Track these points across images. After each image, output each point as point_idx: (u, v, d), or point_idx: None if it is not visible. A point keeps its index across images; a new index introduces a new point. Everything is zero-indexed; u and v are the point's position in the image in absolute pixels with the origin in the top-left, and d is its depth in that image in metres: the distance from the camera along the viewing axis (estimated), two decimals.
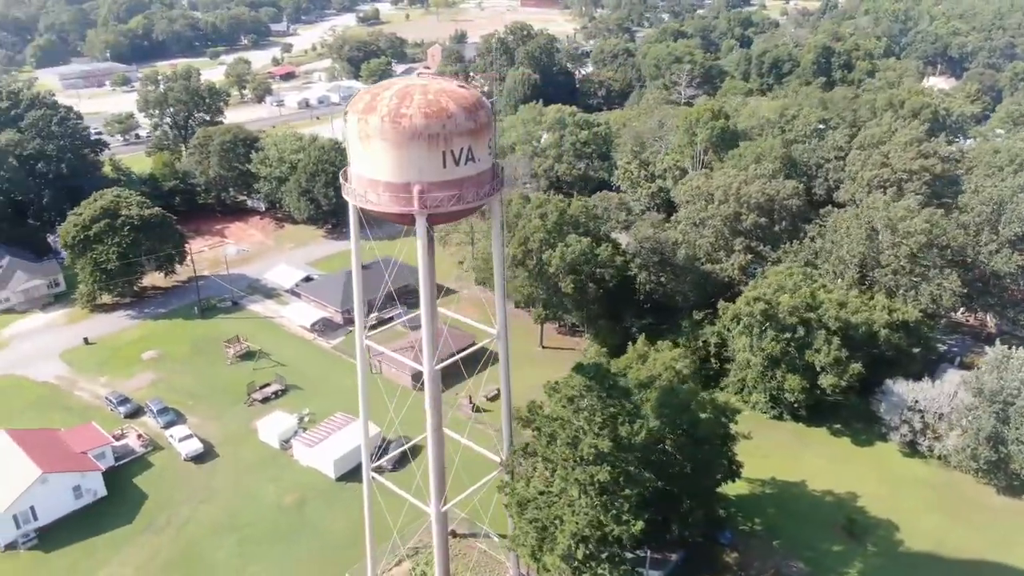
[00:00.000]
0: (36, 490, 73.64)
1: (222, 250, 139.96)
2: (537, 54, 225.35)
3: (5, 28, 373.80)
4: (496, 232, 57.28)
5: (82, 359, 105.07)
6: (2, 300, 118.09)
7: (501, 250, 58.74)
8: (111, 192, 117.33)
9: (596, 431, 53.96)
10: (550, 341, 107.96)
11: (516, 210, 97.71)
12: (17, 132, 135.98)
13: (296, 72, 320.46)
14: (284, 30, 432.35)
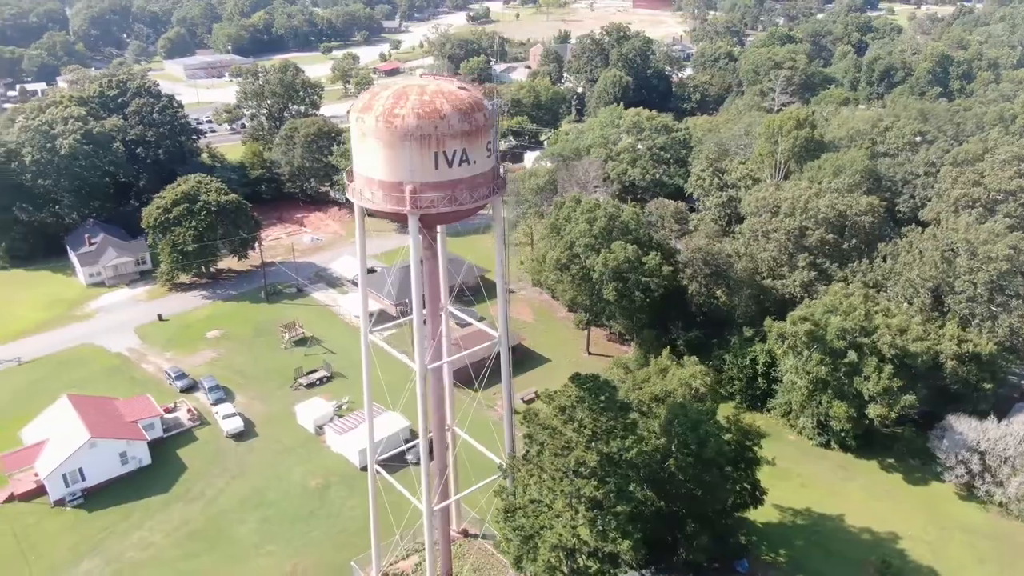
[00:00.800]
0: (84, 453, 78.91)
1: (298, 238, 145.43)
2: (631, 56, 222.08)
3: (142, 20, 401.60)
4: (499, 234, 57.09)
5: (153, 334, 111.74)
6: (94, 274, 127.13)
7: (503, 252, 58.44)
8: (193, 178, 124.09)
9: (585, 443, 52.81)
10: (597, 347, 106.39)
11: (566, 213, 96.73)
12: (122, 118, 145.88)
13: (401, 68, 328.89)
14: (396, 27, 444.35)
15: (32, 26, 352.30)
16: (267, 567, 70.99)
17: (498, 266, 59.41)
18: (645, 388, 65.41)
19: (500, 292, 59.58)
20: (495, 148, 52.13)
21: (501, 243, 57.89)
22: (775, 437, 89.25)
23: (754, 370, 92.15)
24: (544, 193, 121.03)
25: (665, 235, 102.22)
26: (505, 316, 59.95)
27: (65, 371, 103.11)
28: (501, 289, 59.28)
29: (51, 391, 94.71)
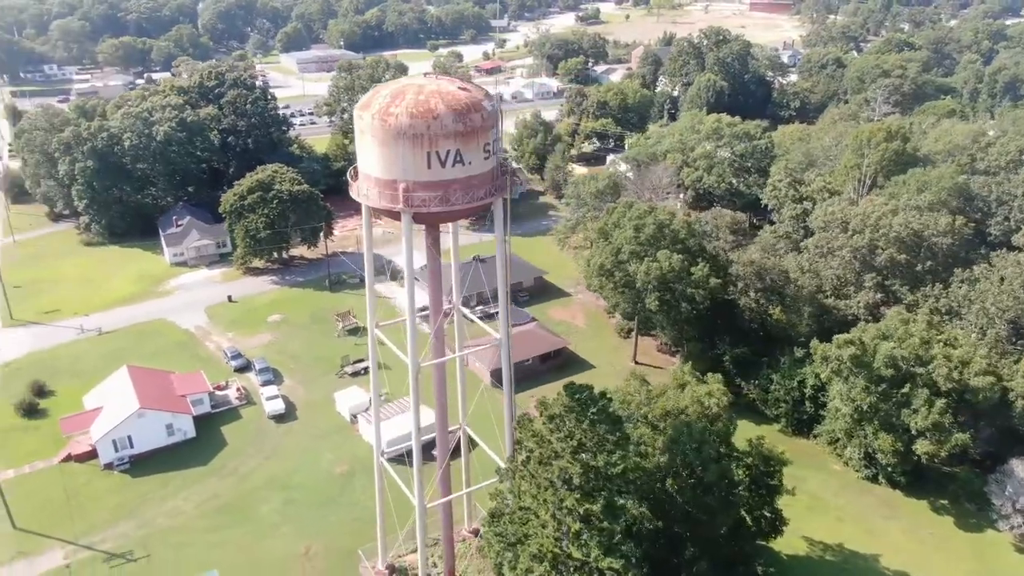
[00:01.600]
0: (133, 422, 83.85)
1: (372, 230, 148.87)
2: (728, 60, 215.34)
3: (265, 15, 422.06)
4: (499, 237, 56.64)
5: (221, 314, 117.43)
6: (178, 254, 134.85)
7: (504, 256, 57.86)
8: (271, 167, 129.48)
9: (571, 454, 51.70)
10: (645, 357, 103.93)
11: (616, 218, 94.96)
12: (217, 108, 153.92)
13: (502, 67, 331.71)
14: (505, 26, 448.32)
15: (164, 19, 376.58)
16: (282, 546, 73.32)
17: (499, 268, 58.95)
18: (659, 403, 63.34)
19: (501, 294, 59.14)
20: (496, 149, 51.71)
21: (502, 245, 57.38)
22: (819, 466, 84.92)
23: (802, 393, 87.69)
24: (605, 196, 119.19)
25: (719, 246, 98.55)
26: (506, 318, 59.50)
27: (137, 343, 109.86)
28: (502, 291, 58.82)
29: (120, 361, 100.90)
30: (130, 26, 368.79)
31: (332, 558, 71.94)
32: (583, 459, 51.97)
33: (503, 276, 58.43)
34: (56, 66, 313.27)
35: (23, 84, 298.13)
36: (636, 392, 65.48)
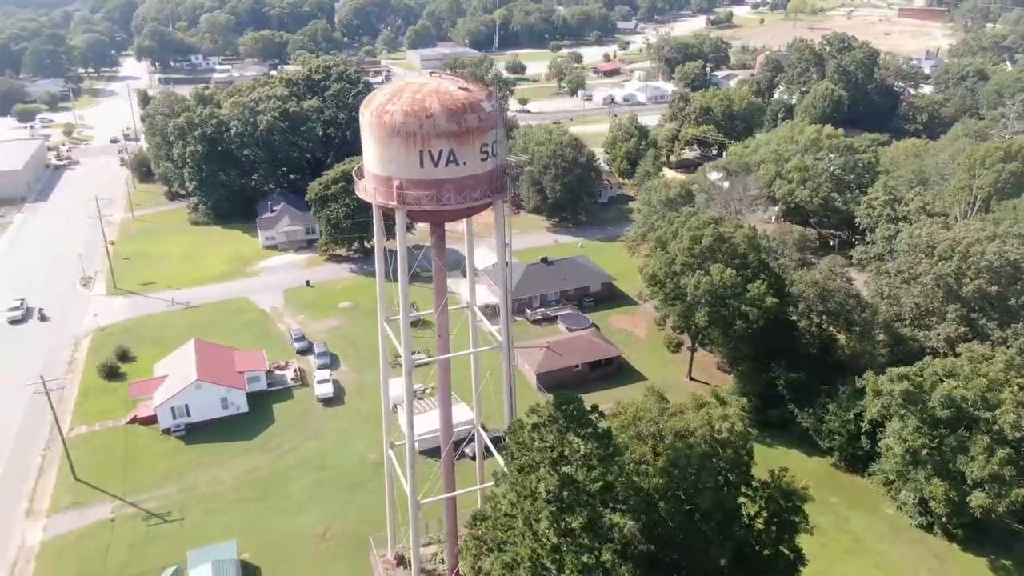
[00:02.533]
0: (190, 392, 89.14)
1: (454, 225, 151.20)
2: (851, 68, 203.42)
3: (398, 12, 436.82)
4: (499, 241, 56.12)
5: (297, 297, 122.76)
6: (269, 237, 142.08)
7: (504, 261, 57.21)
8: (358, 159, 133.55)
9: (549, 466, 50.63)
10: (701, 374, 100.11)
11: (675, 228, 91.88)
12: (321, 101, 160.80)
13: (621, 69, 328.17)
14: (632, 28, 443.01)
15: (304, 14, 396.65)
16: (304, 525, 75.89)
17: (500, 272, 58.39)
18: (671, 422, 60.73)
19: (501, 297, 58.59)
20: (495, 151, 51.23)
21: (502, 248, 56.80)
22: (870, 507, 79.14)
23: (858, 427, 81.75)
24: (675, 204, 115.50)
25: (785, 264, 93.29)
26: (507, 321, 58.88)
27: (217, 319, 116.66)
28: (502, 295, 58.26)
29: (199, 334, 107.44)
30: (272, 20, 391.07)
31: (347, 542, 73.74)
32: (563, 471, 50.80)
33: (504, 279, 57.83)
34: (202, 56, 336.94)
35: (171, 72, 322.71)
36: (650, 408, 63.10)
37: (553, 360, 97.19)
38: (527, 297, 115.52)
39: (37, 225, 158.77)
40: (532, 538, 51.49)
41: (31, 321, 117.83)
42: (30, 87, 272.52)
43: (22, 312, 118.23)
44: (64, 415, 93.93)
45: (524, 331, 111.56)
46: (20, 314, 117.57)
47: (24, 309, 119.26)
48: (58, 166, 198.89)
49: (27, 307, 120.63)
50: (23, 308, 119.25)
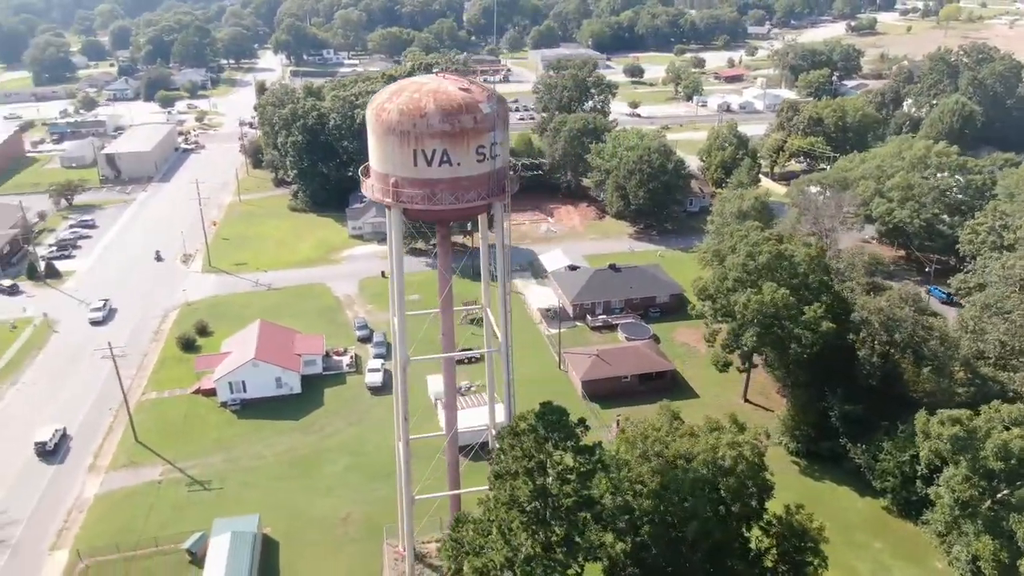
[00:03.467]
0: (248, 370, 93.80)
1: (538, 226, 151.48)
2: (988, 82, 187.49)
3: (524, 12, 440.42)
4: (499, 243, 55.58)
5: (370, 287, 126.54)
6: (356, 227, 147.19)
7: (504, 265, 56.59)
8: None
9: (524, 475, 49.86)
10: (757, 396, 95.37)
11: (733, 241, 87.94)
12: None
13: (744, 76, 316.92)
14: (765, 33, 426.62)
15: (433, 12, 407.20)
16: (328, 507, 78.29)
17: (500, 276, 57.82)
18: (676, 443, 58.17)
19: (501, 302, 58.06)
20: (494, 153, 50.83)
21: (501, 252, 56.25)
22: (917, 559, 73.20)
23: (914, 469, 75.46)
24: (748, 217, 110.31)
25: (853, 287, 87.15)
26: (506, 328, 58.31)
27: (293, 302, 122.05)
28: (501, 299, 57.74)
29: (275, 315, 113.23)
30: (403, 18, 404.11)
31: (364, 529, 75.45)
32: (539, 482, 49.92)
33: (503, 284, 57.27)
34: (333, 51, 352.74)
35: (304, 65, 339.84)
36: (660, 427, 60.84)
37: (601, 369, 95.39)
38: (590, 303, 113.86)
39: (156, 203, 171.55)
40: (506, 546, 50.90)
41: (130, 293, 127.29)
42: (176, 76, 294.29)
43: (103, 313, 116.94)
44: (140, 381, 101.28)
45: (581, 337, 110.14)
46: (101, 315, 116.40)
47: (107, 310, 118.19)
48: (186, 150, 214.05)
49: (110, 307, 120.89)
50: (106, 309, 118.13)
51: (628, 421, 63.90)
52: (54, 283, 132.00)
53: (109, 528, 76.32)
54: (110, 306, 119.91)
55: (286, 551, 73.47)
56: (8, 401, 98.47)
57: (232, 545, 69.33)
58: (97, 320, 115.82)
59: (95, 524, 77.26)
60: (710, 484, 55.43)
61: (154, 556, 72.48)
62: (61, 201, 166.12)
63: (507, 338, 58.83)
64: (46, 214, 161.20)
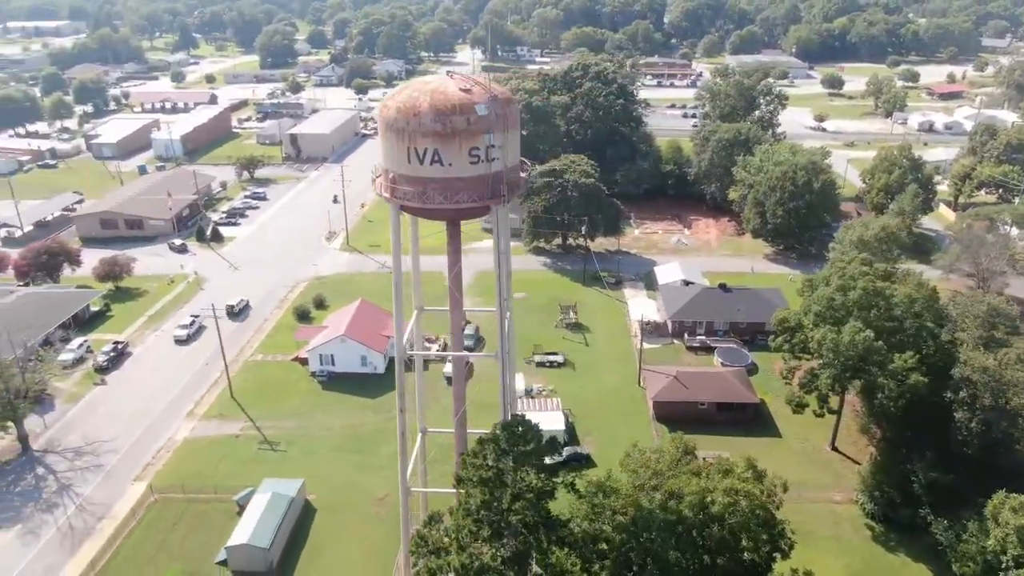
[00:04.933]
0: (336, 345, 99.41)
1: (669, 237, 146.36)
2: None
3: (730, 16, 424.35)
4: (496, 248, 54.66)
5: (482, 281, 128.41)
6: (489, 221, 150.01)
7: (504, 267, 55.47)
8: (567, 157, 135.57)
9: (480, 484, 49.09)
10: (847, 444, 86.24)
11: (829, 272, 79.93)
12: (570, 98, 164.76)
13: (965, 93, 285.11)
14: (1004, 47, 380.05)
15: (633, 13, 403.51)
16: (371, 485, 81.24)
17: (497, 280, 56.76)
18: (671, 482, 54.01)
19: (500, 310, 57.04)
20: (491, 156, 50.09)
21: (498, 257, 55.15)
22: None
23: (999, 559, 64.91)
24: (870, 247, 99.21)
25: (964, 338, 75.70)
26: (504, 333, 57.29)
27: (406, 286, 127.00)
28: (500, 305, 56.71)
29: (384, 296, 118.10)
30: (602, 18, 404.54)
31: (397, 511, 77.39)
32: (495, 494, 49.02)
33: (500, 289, 56.31)
34: (527, 48, 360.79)
35: (497, 60, 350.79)
36: (666, 458, 57.08)
37: (676, 391, 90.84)
38: (691, 321, 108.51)
39: (323, 182, 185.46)
40: (461, 553, 50.49)
41: (273, 261, 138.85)
42: (376, 66, 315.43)
43: (189, 332, 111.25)
44: (253, 343, 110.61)
45: (674, 355, 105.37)
46: (186, 333, 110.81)
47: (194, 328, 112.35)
48: (365, 135, 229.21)
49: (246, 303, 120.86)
50: (193, 327, 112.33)
51: (636, 448, 60.37)
52: (216, 246, 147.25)
53: (184, 470, 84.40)
54: (199, 323, 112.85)
55: (320, 519, 77.38)
56: (146, 345, 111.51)
57: (269, 504, 74.19)
58: (181, 339, 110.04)
59: (175, 464, 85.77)
60: (694, 528, 51.27)
61: (210, 502, 79.24)
62: (243, 173, 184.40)
63: (505, 343, 57.94)
64: (227, 184, 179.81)
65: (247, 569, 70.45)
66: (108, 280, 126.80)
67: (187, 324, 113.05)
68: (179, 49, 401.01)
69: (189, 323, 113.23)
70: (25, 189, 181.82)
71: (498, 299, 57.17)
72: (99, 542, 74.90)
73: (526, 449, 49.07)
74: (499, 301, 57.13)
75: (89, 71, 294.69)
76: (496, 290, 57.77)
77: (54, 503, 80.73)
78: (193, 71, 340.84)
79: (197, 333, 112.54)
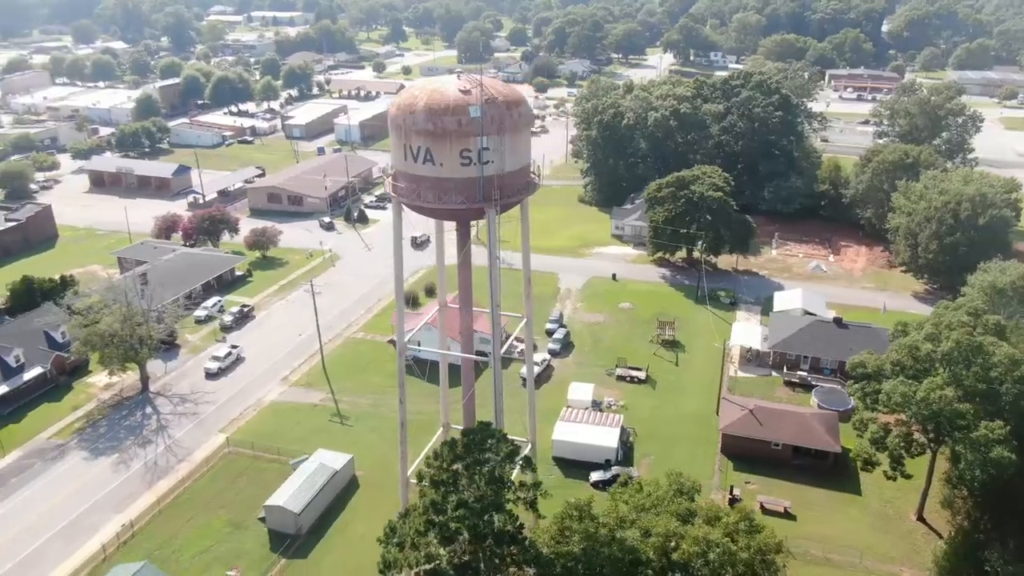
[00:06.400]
0: (422, 332, 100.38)
1: (807, 262, 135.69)
2: None
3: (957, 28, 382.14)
4: (492, 252, 53.76)
5: (593, 286, 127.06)
6: (618, 227, 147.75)
7: (496, 276, 54.48)
8: (698, 169, 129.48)
9: (431, 487, 49.08)
10: (936, 515, 75.56)
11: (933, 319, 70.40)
12: (725, 107, 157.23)
13: None
14: None
15: (846, 21, 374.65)
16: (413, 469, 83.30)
17: (489, 286, 55.72)
18: (651, 519, 50.14)
19: (493, 311, 56.11)
20: (483, 159, 49.64)
21: (494, 261, 54.09)
22: None
23: None
24: (1008, 296, 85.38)
25: None
26: (498, 336, 56.45)
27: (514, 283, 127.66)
28: (495, 307, 55.80)
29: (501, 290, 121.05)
30: (811, 25, 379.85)
31: None
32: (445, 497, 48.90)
33: (493, 291, 55.49)
34: (721, 54, 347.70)
35: (688, 65, 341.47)
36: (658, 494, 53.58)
37: (749, 426, 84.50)
38: (795, 355, 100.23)
39: None
40: (414, 551, 50.88)
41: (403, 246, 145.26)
42: (562, 65, 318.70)
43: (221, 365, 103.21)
44: (359, 321, 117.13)
45: (767, 388, 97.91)
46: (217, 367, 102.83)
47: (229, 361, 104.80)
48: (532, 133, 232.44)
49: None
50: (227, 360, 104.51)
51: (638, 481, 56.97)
52: (360, 227, 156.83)
53: (261, 429, 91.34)
54: (238, 354, 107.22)
55: (361, 495, 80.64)
56: (269, 311, 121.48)
57: (312, 473, 78.55)
58: (212, 372, 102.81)
59: (255, 423, 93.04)
60: (655, 573, 47.74)
61: (272, 462, 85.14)
62: None
63: (496, 351, 57.19)
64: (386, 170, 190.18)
65: (279, 529, 75.17)
66: (256, 249, 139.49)
67: (221, 356, 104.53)
68: (389, 41, 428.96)
69: (224, 354, 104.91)
70: (223, 161, 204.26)
71: (491, 304, 56.49)
72: (172, 481, 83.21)
73: (479, 457, 48.29)
74: (492, 306, 56.43)
75: (303, 58, 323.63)
76: (489, 296, 57.07)
77: (149, 440, 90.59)
78: (395, 62, 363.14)
79: (233, 365, 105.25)
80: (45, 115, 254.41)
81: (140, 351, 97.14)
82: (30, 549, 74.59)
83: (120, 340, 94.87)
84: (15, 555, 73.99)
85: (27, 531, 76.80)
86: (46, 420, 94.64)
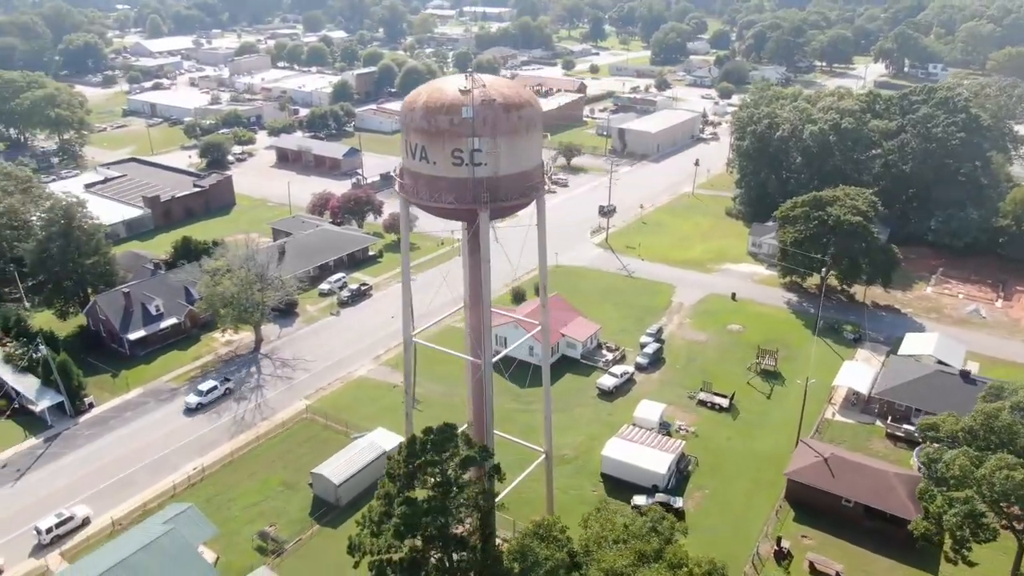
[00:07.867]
0: (509, 329, 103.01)
1: (965, 304, 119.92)
2: None
3: None
4: (485, 255, 52.92)
5: (708, 301, 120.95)
6: (755, 244, 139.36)
7: (486, 280, 53.46)
8: (840, 190, 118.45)
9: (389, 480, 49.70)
10: None
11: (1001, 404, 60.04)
12: (898, 125, 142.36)
13: None
14: None
15: None
16: None
17: (486, 292, 54.55)
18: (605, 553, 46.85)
19: (486, 312, 55.08)
20: (476, 160, 49.02)
21: (481, 267, 52.99)
22: None
23: None
24: None
25: None
26: (487, 342, 55.45)
27: (629, 292, 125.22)
28: (487, 307, 54.76)
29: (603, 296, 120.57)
30: None
31: None
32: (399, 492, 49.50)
33: (485, 294, 54.53)
34: (940, 66, 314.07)
35: (900, 77, 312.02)
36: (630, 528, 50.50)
37: (820, 476, 76.76)
38: (905, 406, 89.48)
39: (628, 178, 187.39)
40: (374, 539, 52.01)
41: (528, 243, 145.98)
42: (753, 71, 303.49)
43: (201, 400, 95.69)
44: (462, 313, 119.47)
45: (864, 438, 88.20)
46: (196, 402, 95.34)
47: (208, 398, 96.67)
48: (700, 139, 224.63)
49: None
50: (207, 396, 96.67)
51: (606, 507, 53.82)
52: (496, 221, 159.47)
53: (339, 401, 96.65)
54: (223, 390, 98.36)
55: None
56: (387, 292, 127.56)
57: (362, 450, 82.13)
58: (191, 406, 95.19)
59: (337, 394, 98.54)
60: None
61: (338, 433, 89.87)
62: (558, 158, 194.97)
63: (487, 365, 56.39)
64: None
65: (322, 496, 79.44)
66: (392, 232, 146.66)
67: (203, 391, 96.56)
68: (588, 40, 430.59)
69: (208, 389, 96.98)
70: (395, 147, 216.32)
71: (481, 308, 55.78)
72: (251, 436, 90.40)
73: (429, 459, 48.23)
74: (482, 310, 55.73)
75: (496, 53, 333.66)
76: (481, 299, 56.29)
77: (244, 397, 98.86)
78: (586, 61, 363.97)
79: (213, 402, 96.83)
80: (260, 95, 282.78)
81: (253, 314, 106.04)
82: (124, 473, 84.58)
83: (237, 303, 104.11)
84: (111, 476, 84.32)
85: (127, 458, 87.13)
86: (171, 365, 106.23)
